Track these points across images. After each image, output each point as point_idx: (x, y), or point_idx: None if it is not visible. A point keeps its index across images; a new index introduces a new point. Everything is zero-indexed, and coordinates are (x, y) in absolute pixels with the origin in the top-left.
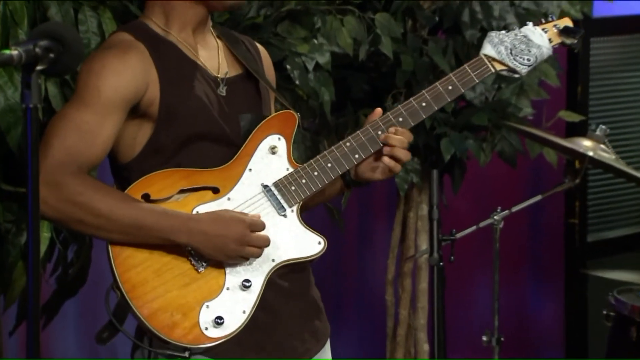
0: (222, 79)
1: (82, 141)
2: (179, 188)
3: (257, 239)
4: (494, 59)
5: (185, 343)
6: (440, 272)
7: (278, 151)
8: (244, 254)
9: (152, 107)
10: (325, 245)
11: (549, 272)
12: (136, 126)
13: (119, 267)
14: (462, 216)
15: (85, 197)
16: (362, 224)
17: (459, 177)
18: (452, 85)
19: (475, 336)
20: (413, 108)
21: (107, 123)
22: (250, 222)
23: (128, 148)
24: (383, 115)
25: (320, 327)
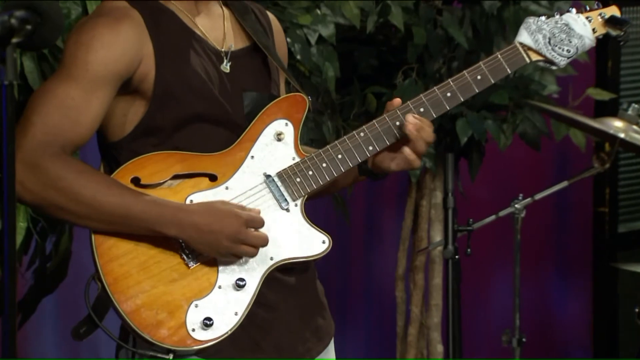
0: (226, 52)
1: (66, 119)
2: (172, 173)
3: (253, 237)
4: (530, 47)
5: (170, 344)
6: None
7: (284, 138)
8: (237, 252)
9: (145, 83)
10: (330, 245)
11: (575, 266)
12: (127, 103)
13: (101, 257)
14: (480, 204)
15: (67, 182)
16: (370, 213)
17: (477, 161)
18: (482, 74)
19: (494, 336)
20: (436, 98)
21: (94, 99)
22: (248, 217)
23: (118, 126)
24: (402, 105)
25: (323, 325)
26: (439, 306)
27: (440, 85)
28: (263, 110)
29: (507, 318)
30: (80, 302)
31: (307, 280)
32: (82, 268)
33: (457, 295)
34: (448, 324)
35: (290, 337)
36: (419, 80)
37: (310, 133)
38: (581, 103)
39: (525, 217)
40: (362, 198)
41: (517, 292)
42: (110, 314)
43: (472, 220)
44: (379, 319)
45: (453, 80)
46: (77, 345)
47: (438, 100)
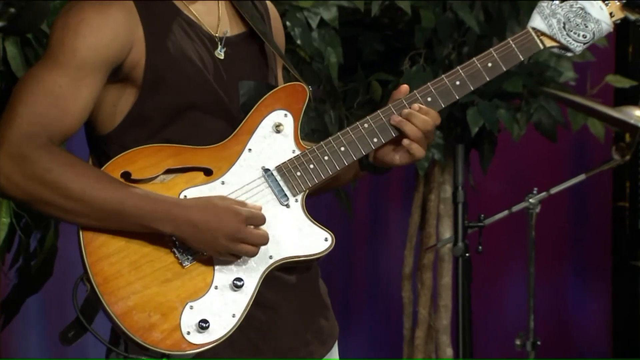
0: (221, 38)
1: (55, 108)
2: (165, 167)
3: (253, 235)
4: (544, 33)
5: (163, 348)
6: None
7: (284, 130)
8: (236, 251)
9: (136, 70)
10: (332, 242)
11: (593, 265)
12: (117, 91)
13: (90, 256)
14: (492, 199)
15: (55, 175)
16: (375, 208)
17: (489, 153)
18: (493, 62)
19: (506, 339)
20: (444, 87)
21: (83, 87)
22: (248, 214)
23: (107, 117)
24: (409, 94)
25: (326, 326)
26: (448, 307)
27: (448, 73)
28: (261, 101)
29: (520, 320)
30: (67, 302)
31: (309, 279)
32: (69, 266)
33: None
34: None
35: (292, 339)
36: (427, 66)
37: (311, 123)
38: (600, 91)
39: (540, 213)
40: (367, 192)
41: (531, 293)
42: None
43: (483, 215)
44: (384, 320)
45: (462, 67)
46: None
47: (447, 89)
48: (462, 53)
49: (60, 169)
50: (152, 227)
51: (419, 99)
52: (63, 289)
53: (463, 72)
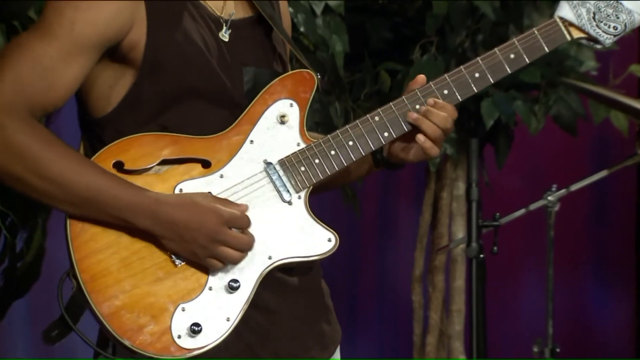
0: (227, 20)
1: (41, 80)
2: (161, 157)
3: (235, 238)
4: (572, 23)
5: (152, 352)
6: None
7: (289, 121)
8: (216, 255)
9: (135, 50)
10: (336, 243)
11: (616, 266)
12: (114, 72)
13: (77, 251)
14: (508, 196)
15: (32, 152)
16: (383, 206)
17: (504, 147)
18: (515, 53)
19: (524, 346)
20: (463, 79)
21: (74, 64)
22: (230, 216)
23: (102, 98)
24: (424, 86)
25: (328, 330)
26: (461, 312)
27: (467, 65)
28: (265, 89)
29: (538, 325)
30: (55, 306)
31: (311, 280)
32: (58, 268)
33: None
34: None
35: (291, 344)
36: (438, 55)
37: (315, 115)
38: (623, 81)
39: (560, 211)
40: (375, 189)
41: (550, 296)
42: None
43: (498, 214)
44: (393, 326)
45: (482, 58)
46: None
47: (465, 81)
48: (477, 41)
49: (39, 146)
50: (128, 221)
51: (435, 92)
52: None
53: (483, 64)
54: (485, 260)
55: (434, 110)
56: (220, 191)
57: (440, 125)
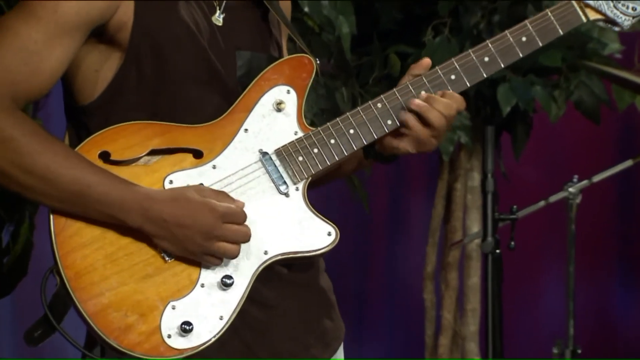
0: (220, 3)
1: (25, 66)
2: (149, 147)
3: (231, 232)
4: (588, 4)
5: (140, 353)
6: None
7: (285, 108)
8: (213, 251)
9: (122, 32)
10: (337, 237)
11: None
12: (100, 55)
13: (61, 246)
14: (526, 188)
15: (17, 145)
16: (393, 198)
17: (523, 136)
18: (528, 36)
19: (543, 347)
20: (471, 63)
21: (59, 47)
22: (225, 211)
23: (88, 84)
24: (430, 70)
25: (330, 328)
26: (476, 311)
27: (476, 48)
28: (261, 74)
29: (559, 326)
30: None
31: (312, 274)
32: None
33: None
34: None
35: (291, 342)
36: (452, 37)
37: (320, 102)
38: None
39: (582, 204)
40: (384, 181)
41: (571, 295)
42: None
43: (516, 207)
44: (403, 326)
45: (492, 41)
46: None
47: (473, 65)
48: (493, 22)
49: (25, 139)
50: (118, 218)
51: (441, 76)
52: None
53: (493, 47)
54: (501, 256)
55: (438, 97)
56: (213, 182)
57: (445, 113)
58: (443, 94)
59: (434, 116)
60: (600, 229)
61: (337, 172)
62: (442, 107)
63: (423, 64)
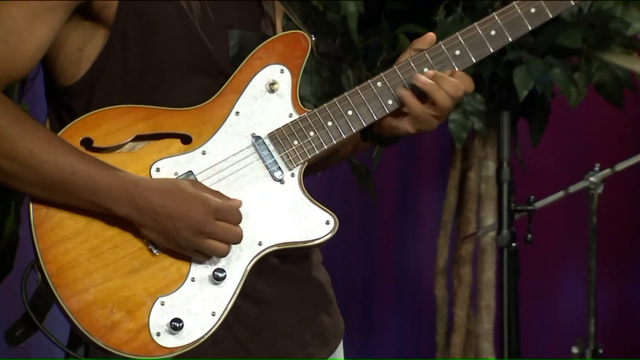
0: None
1: (4, 45)
2: (134, 133)
3: (222, 230)
4: None
5: (127, 352)
6: (513, 257)
7: (279, 89)
8: (201, 247)
9: (107, 9)
10: (335, 226)
11: None
12: (84, 33)
13: (41, 240)
14: (545, 177)
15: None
16: (402, 188)
17: (541, 122)
18: (537, 7)
19: (562, 346)
20: (477, 37)
21: (41, 24)
22: (219, 206)
23: (71, 63)
24: (433, 46)
25: (329, 324)
26: (491, 308)
27: (482, 21)
28: (252, 53)
29: (579, 324)
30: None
31: (309, 267)
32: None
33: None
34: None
35: (286, 339)
36: (465, 17)
37: (325, 85)
38: None
39: (603, 194)
40: (393, 169)
41: (592, 291)
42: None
43: (533, 197)
44: (413, 324)
45: (499, 14)
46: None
47: (479, 40)
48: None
49: (4, 123)
50: (104, 206)
51: (445, 52)
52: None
53: (500, 19)
54: (518, 250)
55: (446, 76)
56: (203, 169)
57: (453, 94)
58: (452, 73)
59: (440, 96)
60: (623, 220)
61: (333, 156)
62: (449, 87)
63: (427, 39)
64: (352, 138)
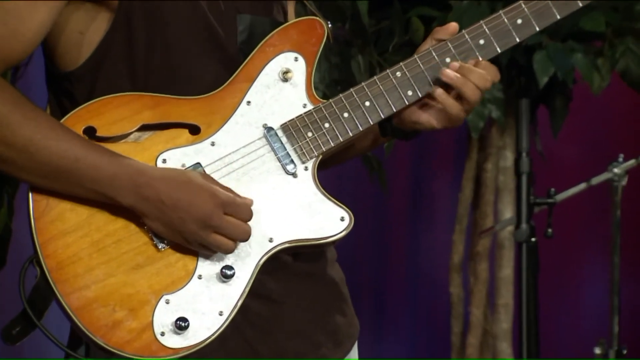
0: None
1: (3, 25)
2: (140, 122)
3: (230, 225)
4: None
5: (130, 352)
6: (532, 253)
7: (293, 78)
8: (206, 242)
9: None
10: (351, 223)
11: None
12: (86, 15)
13: (41, 233)
14: (566, 169)
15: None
16: (416, 180)
17: (562, 110)
18: None
19: (584, 347)
20: (502, 26)
21: (41, 6)
22: (227, 200)
23: (72, 48)
24: (457, 35)
25: (342, 324)
26: (509, 307)
27: (508, 9)
28: (265, 40)
29: (601, 323)
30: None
31: (322, 265)
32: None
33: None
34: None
35: (298, 340)
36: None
37: (333, 72)
38: None
39: (627, 186)
40: (406, 161)
41: (615, 289)
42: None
43: (554, 190)
44: (427, 324)
45: (526, 2)
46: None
47: (504, 28)
48: None
49: (5, 108)
50: (108, 196)
51: (469, 41)
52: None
53: (527, 7)
54: (537, 245)
55: (472, 67)
56: (211, 161)
57: (481, 86)
58: (476, 63)
59: (470, 89)
60: None
61: (350, 150)
62: (477, 78)
63: (449, 28)
64: (370, 131)
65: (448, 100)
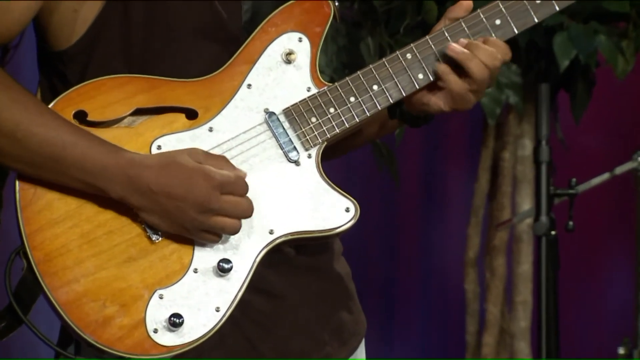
0: None
1: None
2: (134, 106)
3: (230, 204)
4: None
5: (121, 350)
6: (552, 247)
7: (296, 59)
8: (209, 226)
9: None
10: (356, 214)
11: None
12: None
13: (28, 223)
14: (588, 158)
15: None
16: (428, 170)
17: (584, 96)
18: None
19: (607, 347)
20: (519, 5)
21: None
22: (223, 179)
23: (65, 26)
24: (471, 14)
25: (348, 321)
26: (528, 304)
27: None
28: (267, 19)
29: (625, 321)
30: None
31: (327, 258)
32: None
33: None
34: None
35: (301, 337)
36: None
37: (341, 55)
38: None
39: None
40: (417, 148)
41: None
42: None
43: (575, 180)
44: (440, 321)
45: None
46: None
47: (522, 8)
48: None
49: None
50: (97, 186)
51: (484, 21)
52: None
53: None
54: (557, 238)
55: (480, 43)
56: (209, 148)
57: (489, 63)
58: (485, 40)
59: (475, 66)
60: None
61: (356, 137)
62: (485, 55)
63: (463, 5)
64: (378, 116)
65: (450, 75)
